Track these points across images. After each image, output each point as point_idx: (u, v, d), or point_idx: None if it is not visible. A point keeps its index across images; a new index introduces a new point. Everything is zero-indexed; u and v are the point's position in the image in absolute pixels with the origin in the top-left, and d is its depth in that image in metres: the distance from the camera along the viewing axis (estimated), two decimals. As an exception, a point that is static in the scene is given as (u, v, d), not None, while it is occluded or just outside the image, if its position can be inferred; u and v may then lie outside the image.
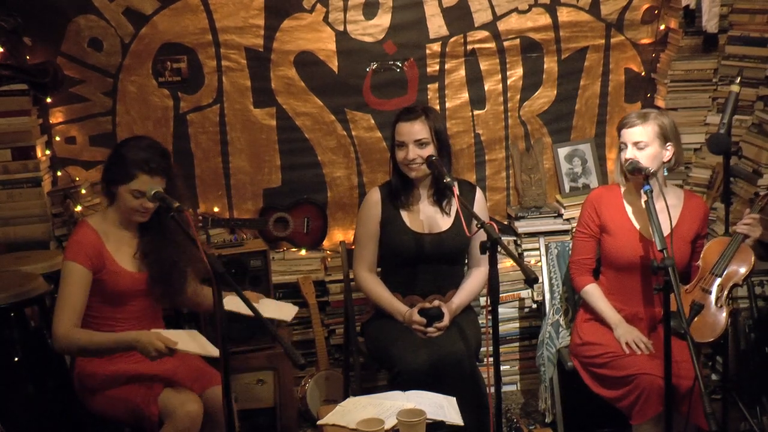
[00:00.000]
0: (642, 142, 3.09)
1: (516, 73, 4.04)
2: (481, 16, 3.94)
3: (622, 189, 3.27)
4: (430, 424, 2.56)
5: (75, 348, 2.78)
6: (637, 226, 3.19)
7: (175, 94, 3.85)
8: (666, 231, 3.00)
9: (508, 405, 3.91)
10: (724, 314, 2.94)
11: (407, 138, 3.20)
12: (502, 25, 3.96)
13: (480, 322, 3.49)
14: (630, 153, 3.11)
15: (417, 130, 3.18)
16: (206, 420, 2.80)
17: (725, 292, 2.97)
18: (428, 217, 3.31)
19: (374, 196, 3.35)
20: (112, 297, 2.89)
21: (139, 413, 2.77)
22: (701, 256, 3.11)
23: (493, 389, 2.60)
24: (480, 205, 3.34)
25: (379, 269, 3.43)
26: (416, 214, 3.31)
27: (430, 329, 3.15)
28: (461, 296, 3.30)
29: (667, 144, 3.12)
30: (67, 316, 2.76)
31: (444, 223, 3.30)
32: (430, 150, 3.19)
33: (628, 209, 3.22)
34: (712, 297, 2.98)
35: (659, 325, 3.15)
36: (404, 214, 3.31)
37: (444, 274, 3.33)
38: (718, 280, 2.99)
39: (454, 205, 3.30)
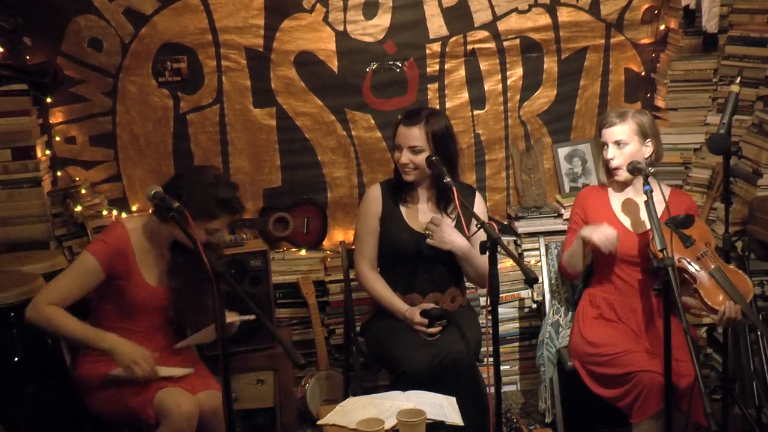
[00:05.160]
0: (622, 140, 3.16)
1: (516, 73, 4.04)
2: (481, 16, 3.94)
3: (609, 188, 3.31)
4: (430, 424, 2.56)
5: (42, 322, 2.73)
6: (624, 222, 3.23)
7: (175, 94, 3.85)
8: (648, 227, 3.10)
9: (508, 405, 3.91)
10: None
11: (403, 142, 3.20)
12: (502, 25, 3.96)
13: (480, 322, 3.49)
14: (611, 152, 3.18)
15: (413, 136, 3.17)
16: (201, 423, 2.78)
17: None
18: (428, 217, 3.30)
19: (374, 192, 3.35)
20: (127, 307, 2.89)
21: (135, 415, 2.76)
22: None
23: (493, 389, 2.61)
24: (480, 207, 3.33)
25: (379, 268, 3.42)
26: (416, 213, 3.31)
27: (432, 329, 3.15)
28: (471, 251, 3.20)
29: (647, 141, 3.19)
30: (51, 294, 2.75)
31: (445, 223, 3.30)
32: (423, 157, 3.18)
33: (615, 206, 3.27)
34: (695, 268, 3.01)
35: (657, 320, 3.16)
36: (404, 213, 3.30)
37: (443, 274, 3.32)
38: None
39: (455, 207, 3.29)
